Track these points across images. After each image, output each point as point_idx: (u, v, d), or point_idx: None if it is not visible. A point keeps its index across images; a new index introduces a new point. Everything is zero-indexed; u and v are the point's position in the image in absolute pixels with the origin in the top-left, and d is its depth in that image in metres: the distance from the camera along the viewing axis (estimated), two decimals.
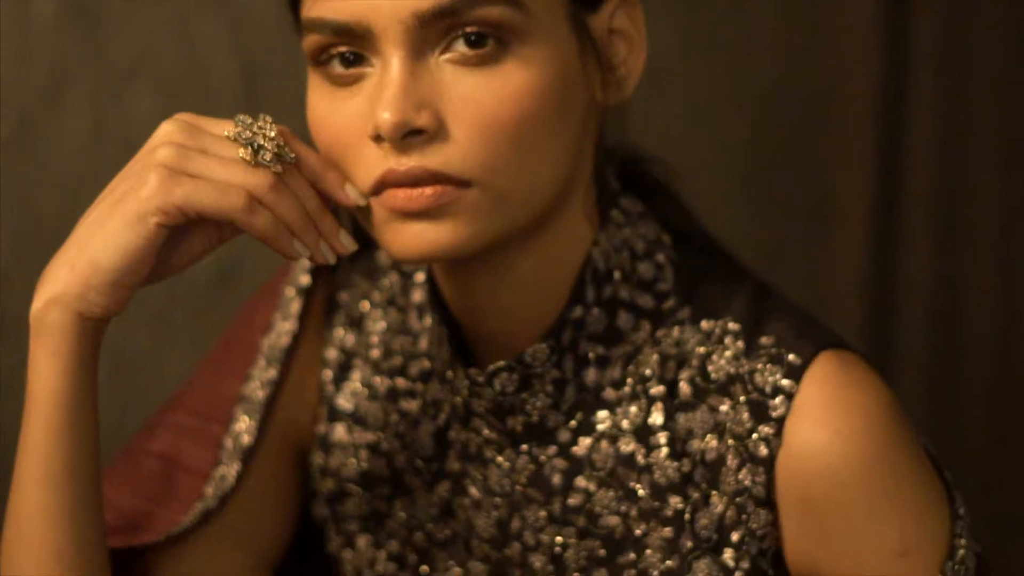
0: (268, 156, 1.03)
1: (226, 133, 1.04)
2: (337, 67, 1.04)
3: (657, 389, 1.12)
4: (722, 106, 1.91)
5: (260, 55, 1.71)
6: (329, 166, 1.06)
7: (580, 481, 1.13)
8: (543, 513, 1.14)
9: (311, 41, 1.04)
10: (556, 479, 1.14)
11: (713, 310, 1.13)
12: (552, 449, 1.14)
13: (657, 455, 1.12)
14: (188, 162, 1.02)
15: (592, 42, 1.07)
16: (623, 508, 1.12)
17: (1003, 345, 1.94)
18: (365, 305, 1.25)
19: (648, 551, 1.11)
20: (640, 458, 1.12)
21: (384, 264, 1.25)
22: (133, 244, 1.01)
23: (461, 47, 1.02)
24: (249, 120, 1.04)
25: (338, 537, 1.24)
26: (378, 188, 1.03)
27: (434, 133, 1.02)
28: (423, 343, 1.22)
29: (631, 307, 1.13)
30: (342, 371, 1.24)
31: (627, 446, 1.12)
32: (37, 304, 1.04)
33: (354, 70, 1.04)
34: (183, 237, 1.05)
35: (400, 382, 1.22)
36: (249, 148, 1.03)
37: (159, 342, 1.72)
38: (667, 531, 1.11)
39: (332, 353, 1.25)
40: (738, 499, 1.08)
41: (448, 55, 1.02)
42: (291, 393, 1.23)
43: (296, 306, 1.24)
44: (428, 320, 1.19)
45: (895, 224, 1.93)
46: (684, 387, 1.12)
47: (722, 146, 1.91)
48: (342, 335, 1.25)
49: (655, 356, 1.13)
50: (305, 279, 1.24)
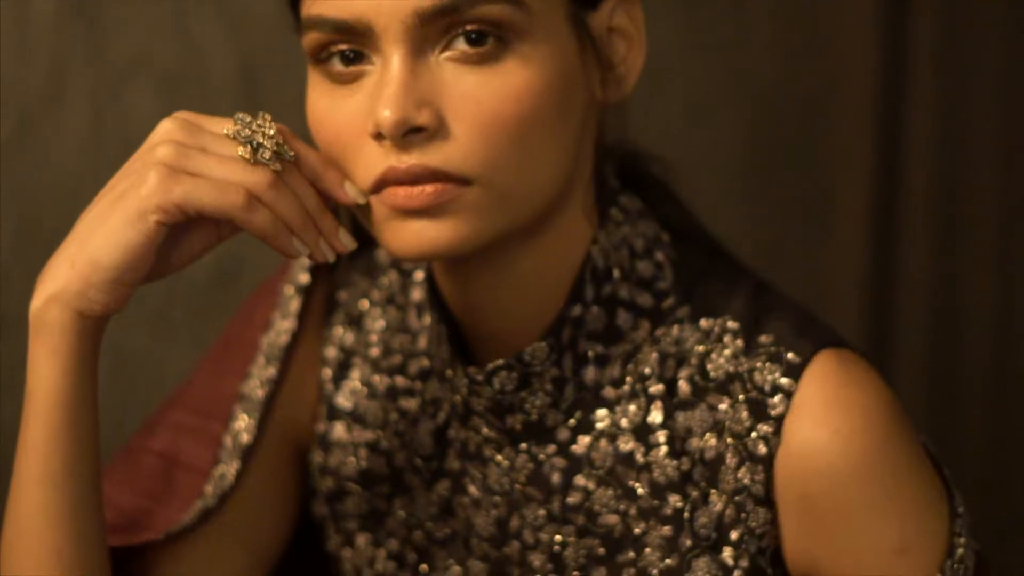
0: (267, 154, 1.03)
1: (225, 131, 1.04)
2: (337, 65, 1.04)
3: (656, 388, 1.12)
4: (721, 105, 1.91)
5: (259, 54, 1.71)
6: (328, 164, 1.05)
7: (579, 479, 1.13)
8: (542, 512, 1.14)
9: (311, 39, 1.04)
10: (555, 478, 1.14)
11: (712, 308, 1.13)
12: (551, 448, 1.14)
13: (656, 454, 1.12)
14: (187, 160, 1.02)
15: (592, 40, 1.07)
16: (622, 507, 1.12)
17: (1002, 344, 1.94)
18: (364, 304, 1.25)
19: (647, 550, 1.11)
20: (639, 457, 1.12)
21: (383, 262, 1.25)
22: (133, 242, 1.01)
23: (461, 45, 1.02)
24: (248, 118, 1.04)
25: (337, 536, 1.24)
26: (378, 186, 1.03)
27: (434, 131, 1.02)
28: (422, 342, 1.22)
29: (630, 306, 1.13)
30: (341, 369, 1.24)
31: (626, 444, 1.12)
32: (36, 302, 1.04)
33: (354, 68, 1.04)
34: (182, 235, 1.05)
35: (399, 380, 1.22)
36: (248, 146, 1.03)
37: (159, 341, 1.72)
38: (666, 530, 1.11)
39: (331, 351, 1.25)
40: (737, 498, 1.08)
41: (448, 53, 1.02)
42: (290, 391, 1.23)
43: (295, 304, 1.24)
44: (427, 319, 1.19)
45: (894, 223, 1.93)
46: (683, 386, 1.12)
47: (722, 145, 1.91)
48: (341, 333, 1.25)
49: (654, 355, 1.13)
50: (304, 277, 1.24)
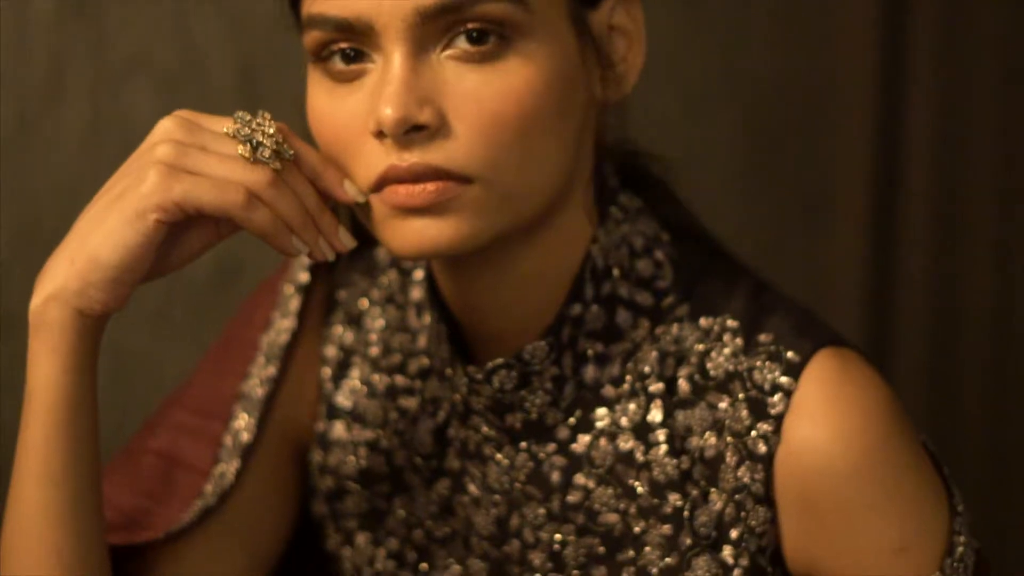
0: (267, 153, 1.03)
1: (225, 130, 1.04)
2: (338, 63, 1.04)
3: (656, 386, 1.12)
4: (721, 104, 1.91)
5: (259, 54, 1.71)
6: (328, 163, 1.05)
7: (579, 478, 1.13)
8: (542, 510, 1.14)
9: (312, 37, 1.04)
10: (555, 476, 1.13)
11: (712, 307, 1.13)
12: (551, 446, 1.14)
13: (656, 452, 1.11)
14: (187, 159, 1.02)
15: (592, 39, 1.07)
16: (622, 505, 1.12)
17: (1002, 344, 1.94)
18: (364, 303, 1.25)
19: (647, 548, 1.11)
20: (639, 455, 1.12)
21: (383, 262, 1.25)
22: (132, 240, 1.01)
23: (463, 44, 1.02)
24: (248, 117, 1.04)
25: (337, 535, 1.24)
26: (380, 184, 1.03)
27: (436, 129, 1.02)
28: (422, 341, 1.22)
29: (630, 304, 1.13)
30: (341, 369, 1.24)
31: (626, 443, 1.12)
32: (36, 301, 1.03)
33: (355, 66, 1.04)
34: (182, 234, 1.05)
35: (399, 380, 1.22)
36: (248, 145, 1.03)
37: (158, 340, 1.72)
38: (666, 528, 1.11)
39: (331, 351, 1.25)
40: (737, 496, 1.08)
41: (450, 51, 1.02)
42: (290, 391, 1.23)
43: (295, 304, 1.24)
44: (427, 318, 1.19)
45: (894, 223, 1.93)
46: (683, 384, 1.12)
47: (721, 144, 1.91)
48: (341, 333, 1.25)
49: (654, 353, 1.13)
50: (304, 277, 1.24)
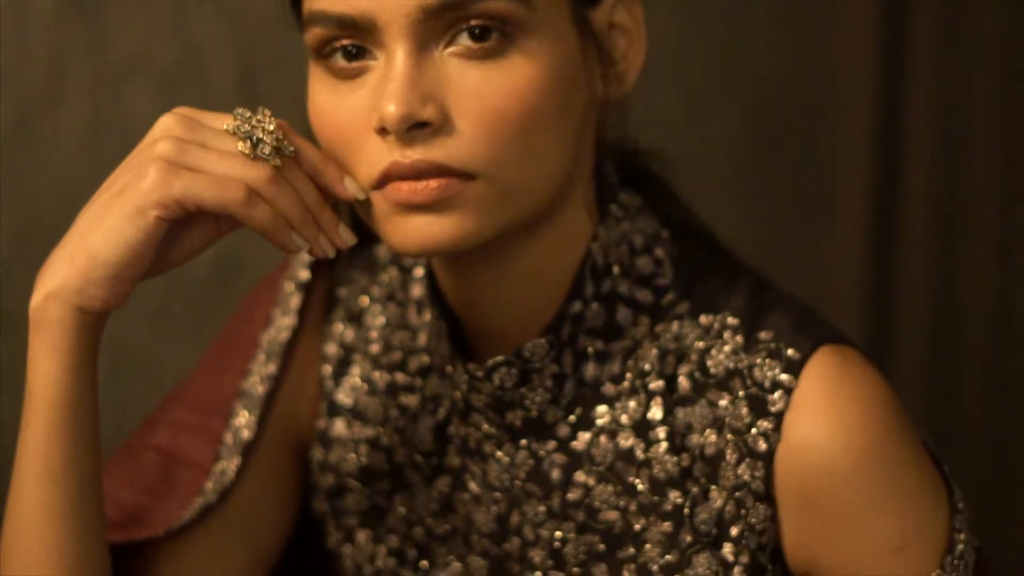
0: (267, 149, 1.03)
1: (225, 127, 1.04)
2: (340, 60, 1.04)
3: (656, 384, 1.12)
4: (721, 104, 1.91)
5: (259, 53, 1.72)
6: (328, 160, 1.05)
7: (579, 476, 1.13)
8: (542, 508, 1.14)
9: (314, 34, 1.04)
10: (555, 474, 1.14)
11: (712, 305, 1.13)
12: (551, 444, 1.14)
13: (656, 450, 1.12)
14: (187, 156, 1.02)
15: (593, 36, 1.07)
16: (622, 503, 1.12)
17: (1002, 344, 1.94)
18: (364, 300, 1.25)
19: (647, 546, 1.11)
20: (639, 453, 1.12)
21: (383, 259, 1.25)
22: (133, 238, 1.01)
23: (465, 40, 1.02)
24: (248, 114, 1.04)
25: (337, 532, 1.24)
26: (382, 181, 1.03)
27: (439, 126, 1.02)
28: (422, 338, 1.22)
29: (630, 302, 1.13)
30: (341, 366, 1.24)
31: (626, 441, 1.12)
32: (36, 299, 1.04)
33: (357, 63, 1.04)
34: (182, 231, 1.05)
35: (399, 377, 1.22)
36: (248, 142, 1.03)
37: (158, 337, 1.72)
38: (666, 526, 1.11)
39: (331, 348, 1.25)
40: (737, 494, 1.08)
41: (452, 48, 1.02)
42: (291, 388, 1.23)
43: (295, 301, 1.24)
44: (427, 315, 1.19)
45: (894, 223, 1.93)
46: (683, 382, 1.12)
47: (721, 144, 1.91)
48: (341, 330, 1.25)
49: (654, 351, 1.13)
50: (304, 274, 1.24)
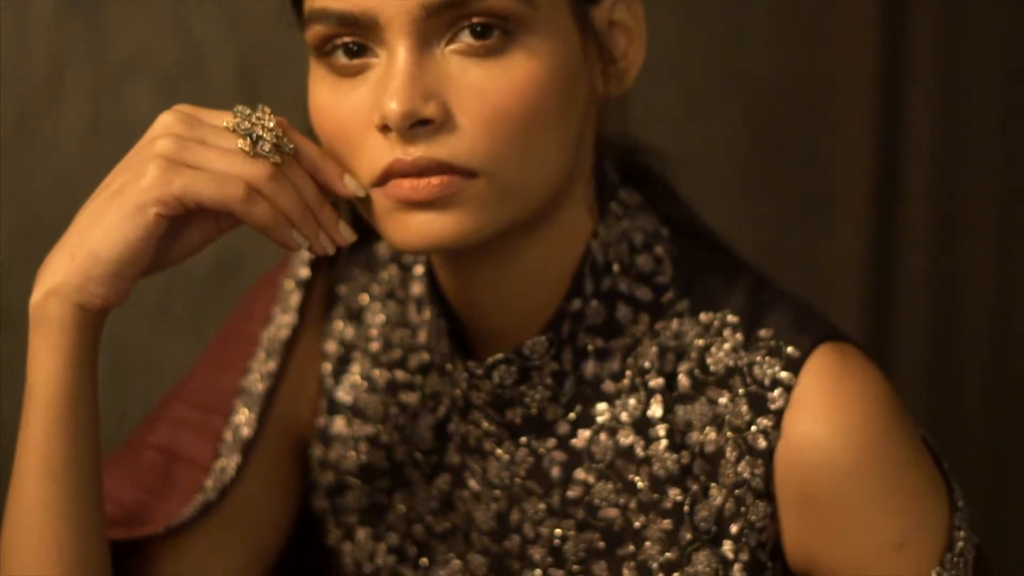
0: (267, 147, 1.03)
1: (225, 124, 1.04)
2: (341, 58, 1.04)
3: (656, 381, 1.12)
4: (721, 103, 1.91)
5: (259, 52, 1.71)
6: (328, 157, 1.06)
7: (579, 473, 1.13)
8: (542, 505, 1.14)
9: (315, 32, 1.04)
10: (555, 471, 1.14)
11: (712, 302, 1.13)
12: (551, 442, 1.14)
13: (656, 447, 1.12)
14: (187, 153, 1.02)
15: (594, 34, 1.07)
16: (622, 500, 1.12)
17: (1002, 344, 1.94)
18: (364, 298, 1.25)
19: (647, 543, 1.11)
20: (639, 450, 1.12)
21: (383, 256, 1.25)
22: (132, 235, 1.01)
23: (467, 38, 1.02)
24: (248, 111, 1.04)
25: (337, 530, 1.24)
26: (383, 178, 1.03)
27: (441, 123, 1.02)
28: (422, 336, 1.22)
29: (630, 299, 1.13)
30: (341, 364, 1.24)
31: (626, 438, 1.12)
32: (36, 296, 1.04)
33: (358, 61, 1.04)
34: (182, 228, 1.05)
35: (399, 375, 1.22)
36: (248, 139, 1.03)
37: (158, 335, 1.72)
38: (666, 523, 1.11)
39: (331, 346, 1.25)
40: (737, 491, 1.08)
41: (454, 46, 1.02)
42: (291, 386, 1.23)
43: (295, 299, 1.24)
44: (427, 313, 1.19)
45: (894, 223, 1.93)
46: (683, 379, 1.12)
47: (721, 143, 1.91)
48: (341, 328, 1.25)
49: (654, 348, 1.13)
50: (304, 272, 1.24)
